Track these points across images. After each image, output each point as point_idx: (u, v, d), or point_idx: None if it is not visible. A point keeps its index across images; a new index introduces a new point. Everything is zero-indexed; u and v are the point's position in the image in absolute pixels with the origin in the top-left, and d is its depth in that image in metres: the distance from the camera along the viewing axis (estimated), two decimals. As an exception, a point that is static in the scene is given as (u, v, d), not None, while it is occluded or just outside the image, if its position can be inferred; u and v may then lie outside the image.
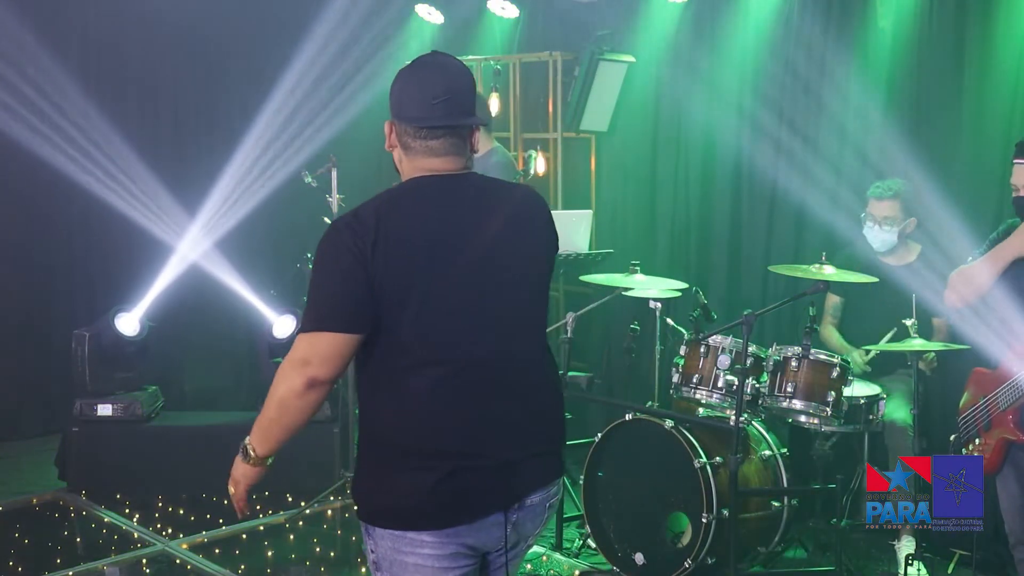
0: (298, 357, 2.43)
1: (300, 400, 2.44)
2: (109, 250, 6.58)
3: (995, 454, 3.73)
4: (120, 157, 6.30)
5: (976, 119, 4.77)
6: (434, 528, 2.48)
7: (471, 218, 2.52)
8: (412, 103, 2.50)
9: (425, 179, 2.52)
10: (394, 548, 2.54)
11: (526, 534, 2.63)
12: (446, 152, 2.51)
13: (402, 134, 2.53)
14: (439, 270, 2.44)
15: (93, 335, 5.51)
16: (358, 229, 2.42)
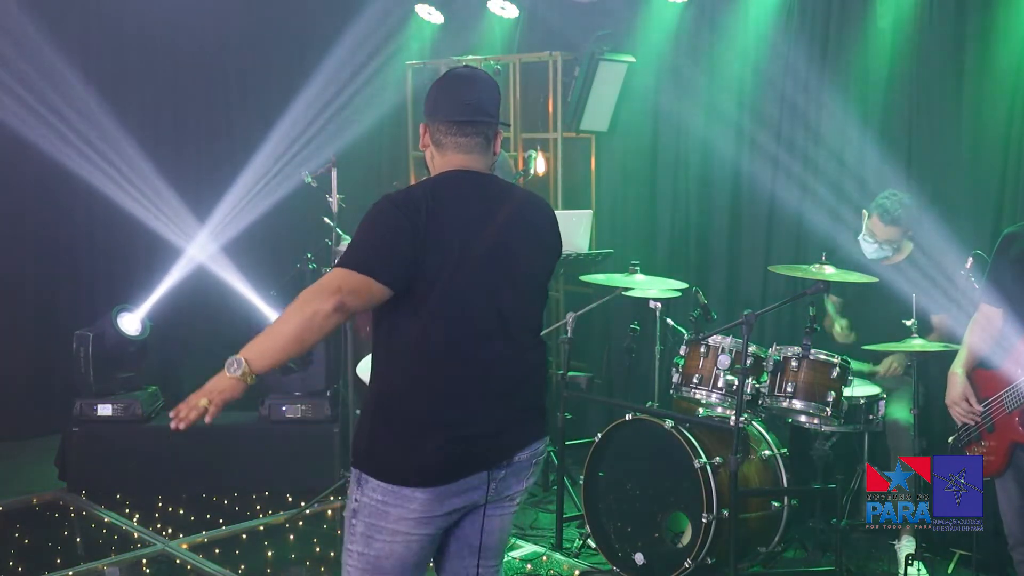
0: (333, 285, 2.62)
1: (326, 321, 2.60)
2: (112, 251, 6.58)
3: (1000, 456, 3.71)
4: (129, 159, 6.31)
5: (976, 119, 4.77)
6: (428, 486, 2.71)
7: (495, 214, 2.81)
8: (446, 104, 2.82)
9: (459, 173, 2.80)
10: (383, 501, 2.74)
11: (511, 491, 2.88)
12: (471, 150, 2.82)
13: (435, 132, 2.83)
14: (466, 255, 2.72)
15: (96, 335, 5.51)
16: (411, 204, 2.69)
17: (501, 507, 2.89)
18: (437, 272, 2.69)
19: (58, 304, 6.50)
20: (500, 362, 2.81)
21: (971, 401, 3.76)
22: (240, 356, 2.68)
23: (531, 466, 2.91)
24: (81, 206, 6.44)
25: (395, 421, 2.74)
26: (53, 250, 6.50)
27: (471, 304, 2.75)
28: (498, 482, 2.83)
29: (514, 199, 2.91)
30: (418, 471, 2.72)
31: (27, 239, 6.41)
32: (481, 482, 2.79)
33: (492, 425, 2.79)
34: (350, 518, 2.80)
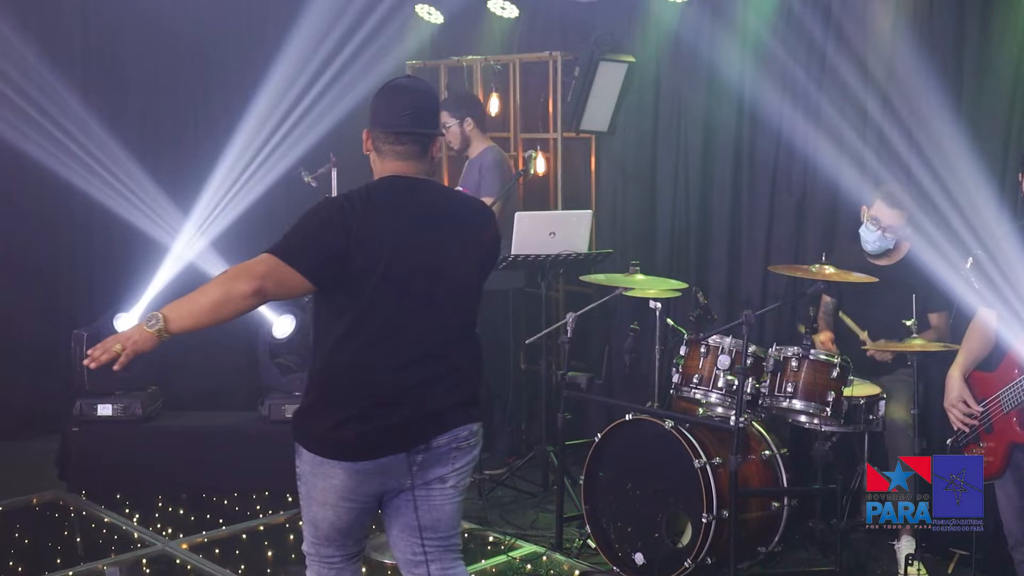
0: (258, 270, 2.85)
1: (242, 301, 2.84)
2: (108, 251, 6.57)
3: (999, 457, 3.71)
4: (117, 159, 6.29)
5: (976, 119, 4.76)
6: (347, 460, 2.99)
7: (426, 215, 3.06)
8: (385, 114, 3.13)
9: (395, 178, 3.09)
10: (312, 471, 3.05)
11: (438, 475, 3.11)
12: (408, 157, 3.11)
13: (375, 139, 3.16)
14: (396, 254, 2.96)
15: (92, 335, 5.50)
16: (346, 205, 2.98)
17: (431, 489, 3.11)
18: (366, 269, 2.93)
19: (58, 304, 6.50)
20: (422, 355, 3.03)
21: (969, 403, 3.76)
22: (160, 313, 2.84)
23: (452, 451, 3.11)
24: (80, 208, 6.43)
25: (323, 400, 3.02)
26: (53, 251, 6.50)
27: (397, 301, 2.97)
28: (419, 465, 3.06)
29: (448, 202, 3.16)
30: (338, 446, 2.99)
31: (27, 240, 6.41)
32: (400, 463, 3.03)
33: (409, 411, 3.01)
34: (297, 480, 3.12)
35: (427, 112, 3.13)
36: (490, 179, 5.68)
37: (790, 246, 5.42)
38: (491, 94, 6.50)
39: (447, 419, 3.09)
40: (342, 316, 2.97)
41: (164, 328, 2.82)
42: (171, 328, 2.83)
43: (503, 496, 5.44)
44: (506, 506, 5.34)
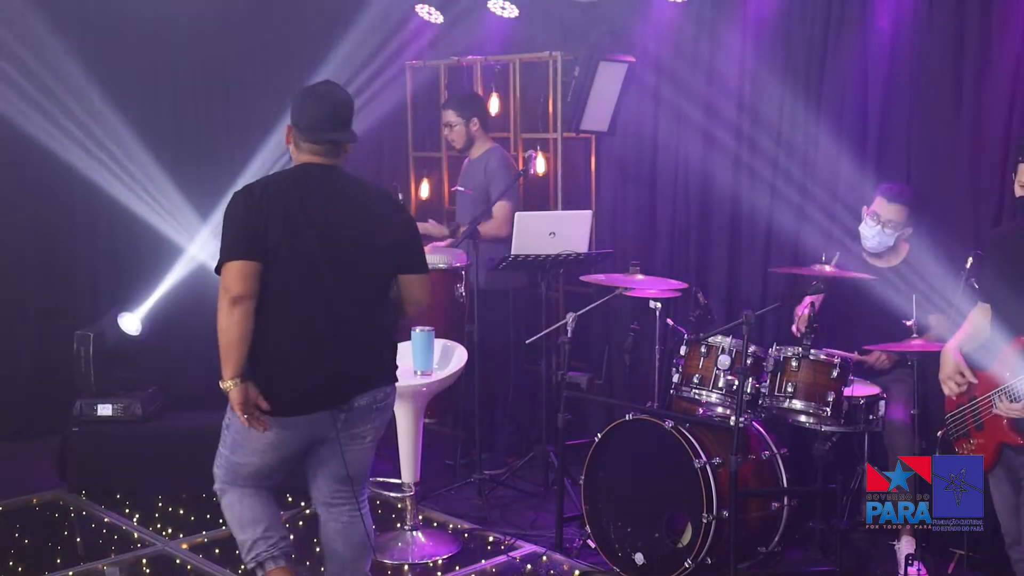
0: (222, 286, 3.36)
1: (232, 316, 3.35)
2: (113, 251, 6.57)
3: (988, 455, 3.73)
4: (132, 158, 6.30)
5: (976, 119, 4.76)
6: (279, 415, 3.47)
7: (334, 199, 3.50)
8: (306, 117, 3.50)
9: (307, 165, 3.52)
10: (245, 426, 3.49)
11: (358, 430, 3.60)
12: (324, 155, 3.52)
13: (295, 138, 3.53)
14: (307, 231, 3.41)
15: (96, 335, 5.51)
16: (250, 194, 3.43)
17: (352, 442, 3.60)
18: (280, 245, 3.37)
19: (59, 304, 6.50)
20: (341, 321, 3.48)
21: (965, 373, 3.76)
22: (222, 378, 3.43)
23: (373, 411, 3.61)
24: (82, 205, 6.43)
25: (259, 362, 3.43)
26: (54, 249, 6.49)
27: (313, 269, 3.42)
28: (342, 421, 3.53)
29: (355, 188, 3.59)
30: (271, 403, 3.44)
31: (28, 238, 6.41)
32: (325, 419, 3.51)
33: (333, 373, 3.47)
34: (224, 428, 3.64)
35: (343, 120, 3.53)
36: (501, 182, 5.67)
37: (790, 246, 5.42)
38: (491, 94, 6.50)
39: (366, 381, 3.57)
40: (266, 289, 3.39)
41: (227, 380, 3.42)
42: (227, 376, 3.42)
43: (503, 496, 5.45)
44: (506, 506, 5.35)
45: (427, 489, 5.25)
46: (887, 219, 4.67)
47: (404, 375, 4.78)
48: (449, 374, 4.82)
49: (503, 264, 5.20)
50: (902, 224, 4.69)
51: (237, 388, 3.40)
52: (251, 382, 3.43)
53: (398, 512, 5.06)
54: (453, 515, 5.19)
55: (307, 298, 3.44)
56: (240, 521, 3.70)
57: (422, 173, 7.18)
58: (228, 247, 3.38)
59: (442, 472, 5.78)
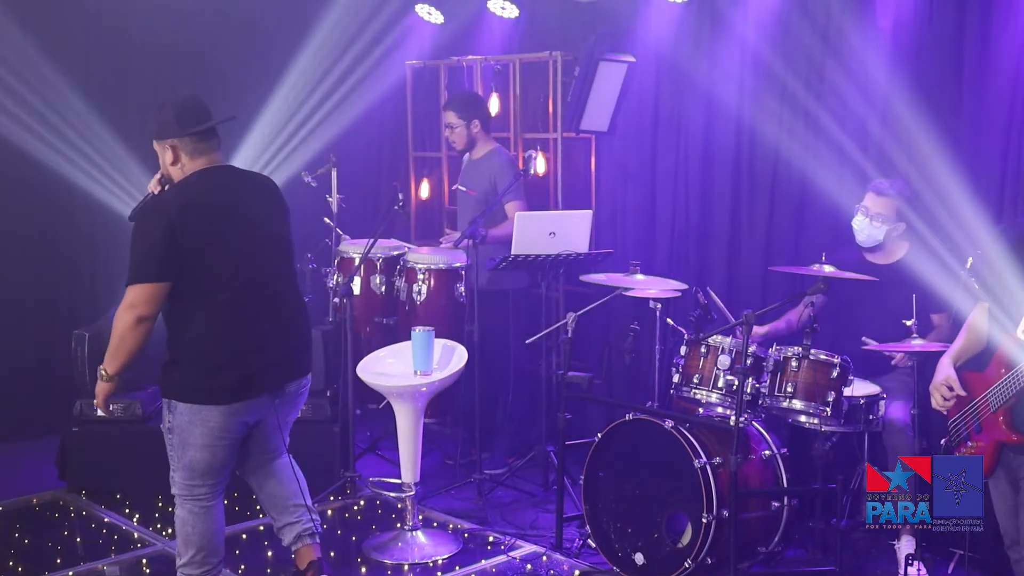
0: (127, 303, 3.61)
1: (134, 331, 3.62)
2: (110, 251, 6.55)
3: (988, 457, 3.72)
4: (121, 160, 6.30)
5: (976, 119, 4.77)
6: (222, 404, 3.70)
7: (240, 194, 3.79)
8: (188, 123, 3.71)
9: (209, 169, 3.75)
10: (190, 420, 3.73)
11: (285, 414, 3.93)
12: (214, 149, 3.77)
13: (187, 145, 3.72)
14: (226, 230, 3.68)
15: (93, 335, 5.50)
16: (161, 209, 3.65)
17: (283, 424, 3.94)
18: (205, 252, 3.62)
19: (58, 304, 6.50)
20: (269, 311, 3.76)
21: (954, 386, 3.77)
22: (100, 367, 3.72)
23: (298, 396, 3.95)
24: (81, 208, 6.43)
25: (193, 357, 3.70)
26: (54, 250, 6.50)
27: (236, 263, 3.68)
28: (277, 405, 3.84)
29: (251, 180, 3.92)
30: (213, 392, 3.69)
31: (28, 239, 6.41)
32: (266, 403, 3.79)
33: (266, 360, 3.75)
34: (167, 434, 3.83)
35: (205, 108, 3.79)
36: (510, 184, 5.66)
37: (790, 246, 5.42)
38: (491, 94, 6.50)
39: (296, 367, 3.90)
40: (197, 288, 3.63)
41: (107, 374, 3.72)
42: (109, 371, 3.71)
43: (503, 496, 5.45)
44: (506, 506, 5.35)
45: (427, 489, 5.25)
46: (875, 212, 4.70)
47: (404, 375, 4.80)
48: (449, 374, 4.82)
49: (503, 264, 5.20)
50: (891, 218, 4.70)
51: (115, 383, 3.74)
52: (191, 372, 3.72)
53: (398, 512, 5.06)
54: (453, 515, 5.19)
55: (243, 292, 3.71)
56: (185, 539, 3.94)
57: (422, 173, 7.18)
58: (140, 268, 3.63)
59: (442, 472, 5.78)
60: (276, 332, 3.82)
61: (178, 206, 3.63)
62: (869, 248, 4.80)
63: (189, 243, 3.59)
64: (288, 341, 3.87)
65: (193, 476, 3.84)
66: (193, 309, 3.68)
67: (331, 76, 6.75)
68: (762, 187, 5.51)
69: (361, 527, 5.09)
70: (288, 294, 3.92)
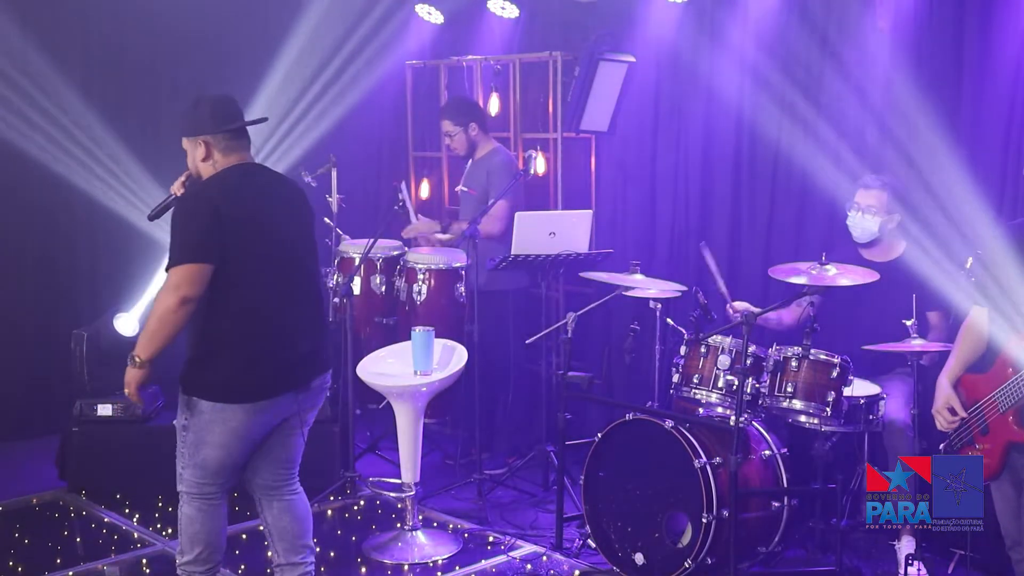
0: (172, 283, 3.51)
1: (176, 315, 3.52)
2: (110, 251, 6.57)
3: (996, 458, 3.71)
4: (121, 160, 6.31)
5: (976, 119, 4.76)
6: (247, 402, 3.63)
7: (273, 191, 3.79)
8: (224, 120, 3.70)
9: (243, 165, 3.74)
10: (210, 419, 3.65)
11: (307, 410, 3.83)
12: (246, 148, 3.76)
13: (220, 142, 3.70)
14: (262, 228, 3.64)
15: (92, 335, 5.51)
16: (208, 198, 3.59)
17: (304, 425, 3.84)
18: (243, 244, 3.57)
19: (58, 304, 6.50)
20: (297, 307, 3.73)
21: (956, 408, 3.78)
22: (132, 353, 3.65)
23: (320, 392, 3.87)
24: (81, 207, 6.43)
25: (229, 356, 3.62)
26: (54, 250, 6.50)
27: (271, 258, 3.65)
28: (300, 402, 3.75)
29: (281, 182, 3.90)
30: (239, 390, 3.61)
31: (28, 240, 6.41)
32: (289, 401, 3.71)
33: (294, 357, 3.70)
34: (181, 431, 3.75)
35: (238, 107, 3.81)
36: (501, 182, 5.68)
37: (790, 246, 5.42)
38: (491, 94, 6.50)
39: (318, 364, 3.84)
40: (230, 280, 3.56)
41: (141, 360, 3.66)
42: (143, 357, 3.65)
43: (503, 496, 5.45)
44: (506, 506, 5.35)
45: (427, 489, 5.25)
46: (866, 205, 4.72)
47: (404, 375, 4.80)
48: (449, 374, 4.82)
49: (503, 264, 5.20)
50: (883, 209, 4.71)
51: (147, 370, 3.66)
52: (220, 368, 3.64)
53: (398, 512, 5.06)
54: (453, 515, 5.19)
55: (273, 287, 3.67)
56: (192, 536, 3.84)
57: (422, 173, 7.18)
58: (185, 248, 3.54)
59: (442, 472, 5.78)
60: (303, 327, 3.77)
61: (221, 194, 3.61)
62: (866, 244, 4.80)
63: (230, 232, 3.55)
64: (313, 337, 3.82)
65: (205, 475, 3.77)
66: (225, 302, 3.61)
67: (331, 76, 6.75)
68: (762, 186, 5.51)
69: (361, 527, 5.09)
70: (313, 290, 3.89)
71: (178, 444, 3.81)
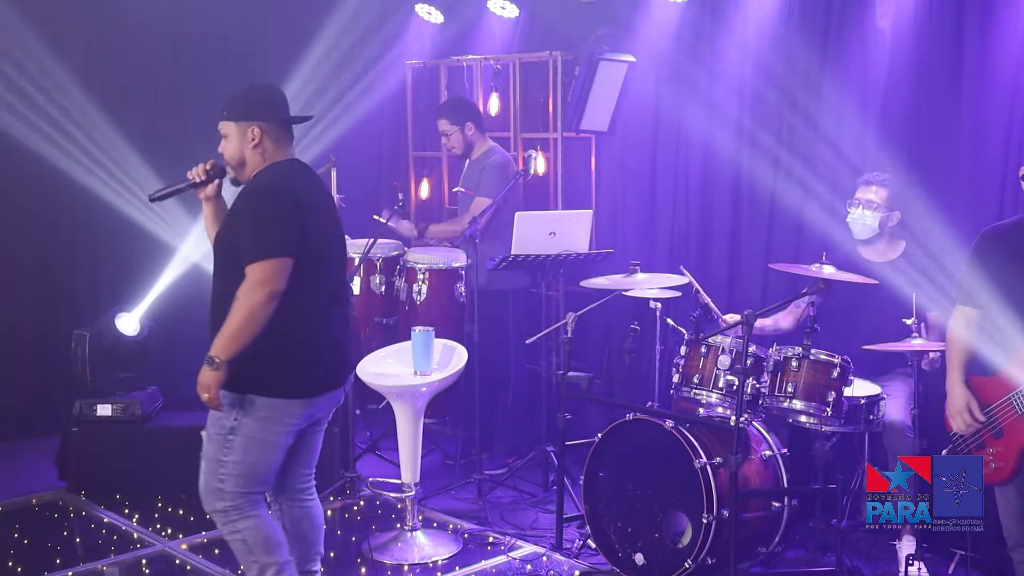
0: (257, 280, 3.39)
1: (263, 310, 3.40)
2: (110, 250, 6.56)
3: (1010, 461, 3.66)
4: (122, 157, 6.29)
5: (976, 119, 4.76)
6: (307, 396, 3.58)
7: (322, 190, 3.82)
8: (280, 109, 3.66)
9: (296, 161, 3.70)
10: (268, 416, 3.52)
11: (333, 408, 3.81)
12: (291, 143, 3.70)
13: (270, 132, 3.61)
14: (321, 219, 3.62)
15: (93, 335, 5.50)
16: (288, 190, 3.51)
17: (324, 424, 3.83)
18: (312, 239, 3.52)
19: (58, 304, 6.49)
20: (340, 306, 3.73)
21: (973, 410, 3.75)
22: (211, 355, 3.43)
23: (343, 391, 3.82)
24: (81, 206, 6.42)
25: (291, 351, 3.52)
26: (54, 249, 6.49)
27: (325, 261, 3.62)
28: (335, 400, 3.74)
29: (320, 179, 3.90)
30: (305, 385, 3.57)
31: (28, 239, 6.40)
32: (328, 399, 3.69)
33: (341, 355, 3.72)
34: (226, 435, 3.53)
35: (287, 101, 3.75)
36: (491, 180, 5.68)
37: (790, 245, 5.42)
38: (491, 94, 6.50)
39: (351, 363, 3.92)
40: (296, 275, 3.47)
41: (221, 362, 3.41)
42: (223, 357, 3.41)
43: (503, 496, 5.44)
44: (506, 506, 5.34)
45: (427, 489, 5.25)
46: (867, 200, 4.72)
47: (404, 375, 4.80)
48: (449, 374, 4.82)
49: (503, 264, 5.20)
50: (883, 206, 4.71)
51: (224, 372, 3.42)
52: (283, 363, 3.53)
53: (398, 512, 5.06)
54: (453, 515, 5.19)
55: (328, 284, 3.65)
56: (266, 544, 3.62)
57: (422, 173, 7.18)
58: (272, 241, 3.42)
59: (442, 472, 5.78)
60: (344, 326, 3.79)
61: (298, 186, 3.55)
62: (866, 243, 4.80)
63: (305, 227, 3.49)
64: (347, 335, 3.84)
65: (251, 481, 3.57)
66: (294, 297, 3.48)
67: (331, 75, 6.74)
68: (763, 186, 5.51)
69: (361, 527, 5.09)
70: (347, 289, 3.93)
71: (213, 454, 3.57)
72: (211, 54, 6.77)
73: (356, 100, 6.89)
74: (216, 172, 3.75)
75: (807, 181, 5.29)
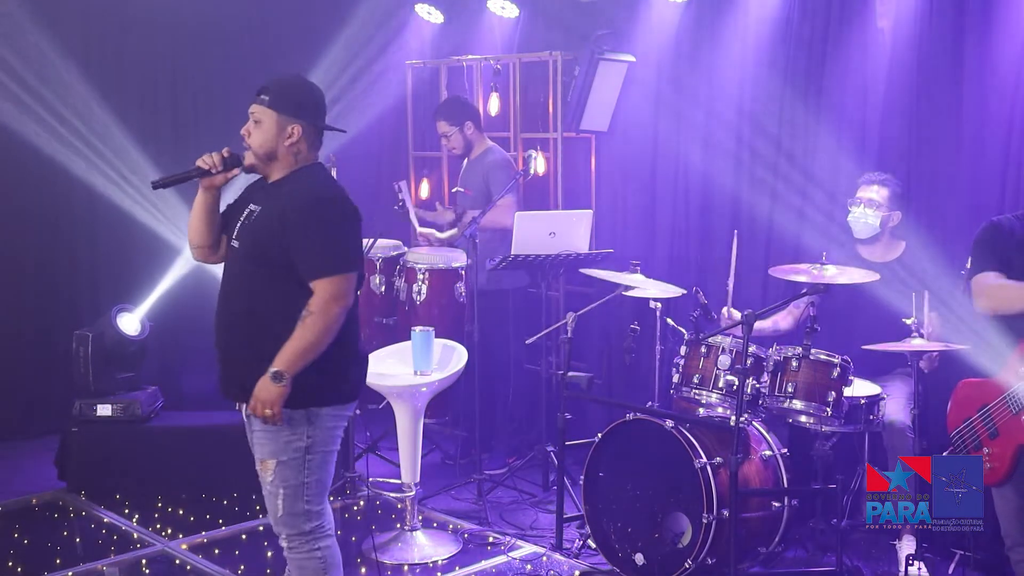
0: (332, 294, 3.29)
1: (337, 324, 3.31)
2: (111, 250, 6.56)
3: (1006, 462, 3.67)
4: (125, 156, 6.29)
5: (976, 120, 4.77)
6: (356, 398, 3.53)
7: None
8: (323, 114, 3.51)
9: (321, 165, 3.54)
10: (332, 425, 3.43)
11: None
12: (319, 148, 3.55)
13: (311, 134, 3.47)
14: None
15: (95, 335, 5.50)
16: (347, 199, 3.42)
17: None
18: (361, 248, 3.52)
19: (58, 304, 6.49)
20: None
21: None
22: (278, 370, 3.26)
23: None
24: (82, 206, 6.42)
25: (337, 357, 3.37)
26: (54, 249, 6.48)
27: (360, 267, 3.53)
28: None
29: None
30: (354, 387, 3.49)
31: (28, 239, 6.40)
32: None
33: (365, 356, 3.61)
34: (303, 455, 3.36)
35: None
36: (502, 178, 5.68)
37: (790, 246, 5.42)
38: (491, 94, 6.50)
39: None
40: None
41: (288, 378, 3.26)
42: (290, 373, 3.26)
43: (503, 496, 5.45)
44: (506, 506, 5.34)
45: (427, 489, 5.25)
46: (868, 199, 4.72)
47: (404, 375, 4.80)
48: (449, 374, 4.82)
49: (503, 264, 5.20)
50: (884, 205, 4.71)
51: (289, 387, 3.27)
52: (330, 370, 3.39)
53: (398, 512, 5.06)
54: (453, 515, 5.19)
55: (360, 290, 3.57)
56: (338, 564, 3.52)
57: (422, 173, 7.18)
58: (346, 255, 3.36)
59: (442, 472, 5.79)
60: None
61: (348, 197, 3.44)
62: (866, 242, 4.80)
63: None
64: None
65: (322, 496, 3.46)
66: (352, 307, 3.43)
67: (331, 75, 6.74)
68: (763, 186, 5.51)
69: (361, 527, 5.09)
70: None
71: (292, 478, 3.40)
72: (213, 50, 6.78)
73: (356, 100, 6.89)
74: (232, 161, 3.44)
75: (807, 181, 5.29)
